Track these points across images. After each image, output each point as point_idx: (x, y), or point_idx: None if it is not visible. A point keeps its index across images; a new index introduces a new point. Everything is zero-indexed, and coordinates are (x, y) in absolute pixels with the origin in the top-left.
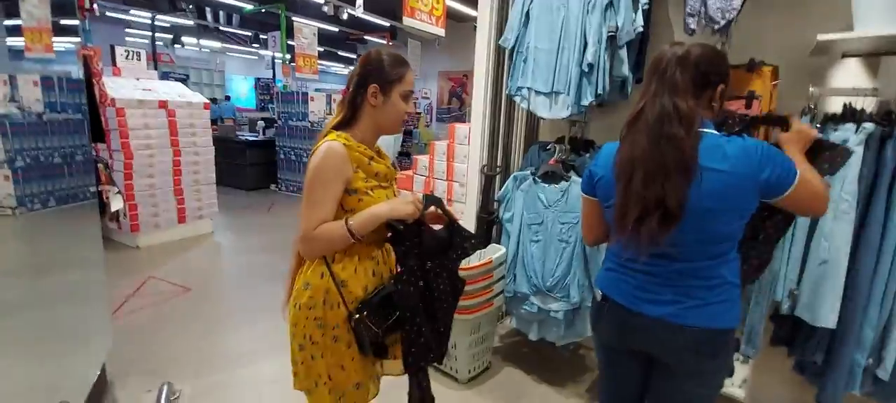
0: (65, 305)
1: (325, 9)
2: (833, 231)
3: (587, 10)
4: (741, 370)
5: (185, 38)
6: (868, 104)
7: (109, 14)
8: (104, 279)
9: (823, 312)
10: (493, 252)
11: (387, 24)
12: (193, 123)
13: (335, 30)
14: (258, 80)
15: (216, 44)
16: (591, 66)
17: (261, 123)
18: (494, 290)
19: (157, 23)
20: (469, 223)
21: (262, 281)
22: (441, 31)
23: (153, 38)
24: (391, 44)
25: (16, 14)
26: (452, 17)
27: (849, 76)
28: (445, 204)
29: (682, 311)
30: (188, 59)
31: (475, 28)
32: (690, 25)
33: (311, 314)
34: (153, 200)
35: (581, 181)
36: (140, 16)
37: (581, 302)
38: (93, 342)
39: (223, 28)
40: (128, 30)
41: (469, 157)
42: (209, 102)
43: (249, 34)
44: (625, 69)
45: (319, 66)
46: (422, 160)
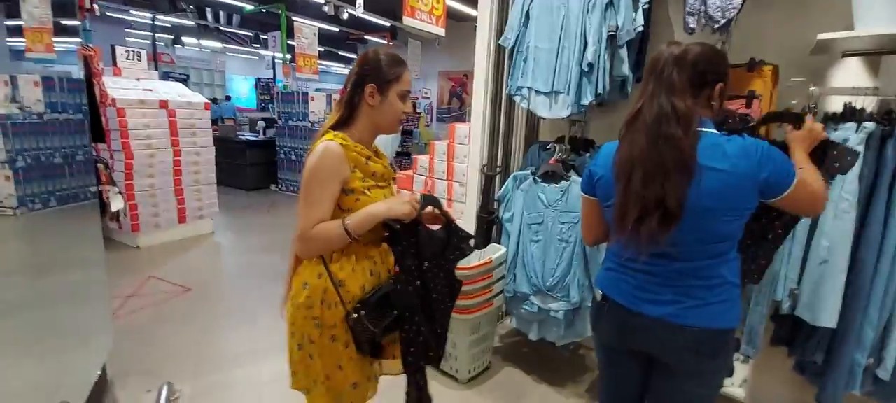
0: (65, 305)
1: (326, 9)
2: (833, 230)
3: (587, 10)
4: (741, 370)
5: (186, 38)
6: (868, 103)
7: (110, 14)
8: (105, 279)
9: (824, 312)
10: (493, 251)
11: (387, 24)
12: (194, 123)
13: (335, 30)
14: (258, 80)
15: (216, 44)
16: (591, 66)
17: (261, 123)
18: (494, 290)
19: (158, 23)
20: (469, 222)
21: (263, 281)
22: (441, 31)
23: (154, 38)
24: (391, 44)
25: (17, 14)
26: (452, 17)
27: (849, 75)
28: (443, 204)
29: (682, 311)
30: (189, 59)
31: (475, 28)
32: (690, 24)
33: (310, 314)
34: (153, 200)
35: (581, 181)
36: (140, 16)
37: (581, 302)
38: (93, 341)
39: (223, 28)
40: (128, 30)
41: (469, 157)
42: (209, 102)
43: (250, 34)
44: (625, 68)
45: (320, 66)
46: (422, 160)
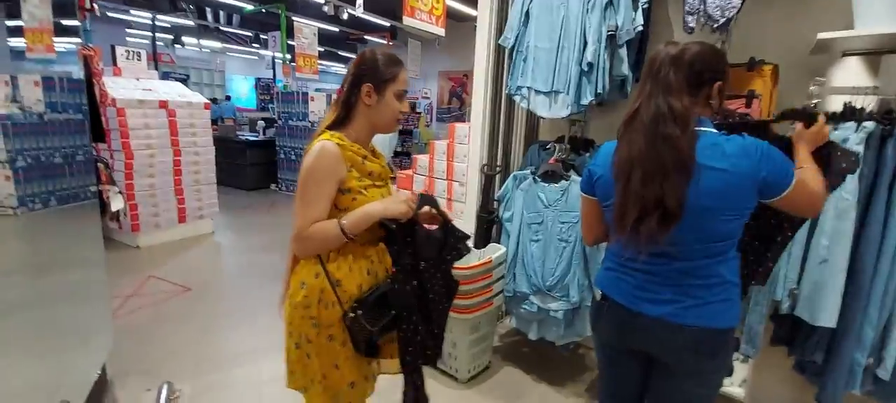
0: (65, 305)
1: (326, 9)
2: (833, 230)
3: (587, 9)
4: (741, 369)
5: (186, 38)
6: (868, 103)
7: (110, 14)
8: (105, 278)
9: (823, 311)
10: (493, 251)
11: (387, 24)
12: (194, 123)
13: (335, 30)
14: (258, 80)
15: (216, 44)
16: (591, 65)
17: (261, 123)
18: (494, 290)
19: (158, 23)
20: (469, 222)
21: (263, 281)
22: (441, 31)
23: (154, 38)
24: (391, 43)
25: (17, 15)
26: (452, 17)
27: (849, 74)
28: (440, 204)
29: (682, 311)
30: (188, 59)
31: (475, 28)
32: (690, 24)
33: (307, 313)
34: (153, 200)
35: (580, 180)
36: (140, 16)
37: (581, 302)
38: (93, 341)
39: (223, 28)
40: (128, 30)
41: (469, 157)
42: (209, 102)
43: (250, 34)
44: (624, 68)
45: (320, 66)
46: (422, 159)
